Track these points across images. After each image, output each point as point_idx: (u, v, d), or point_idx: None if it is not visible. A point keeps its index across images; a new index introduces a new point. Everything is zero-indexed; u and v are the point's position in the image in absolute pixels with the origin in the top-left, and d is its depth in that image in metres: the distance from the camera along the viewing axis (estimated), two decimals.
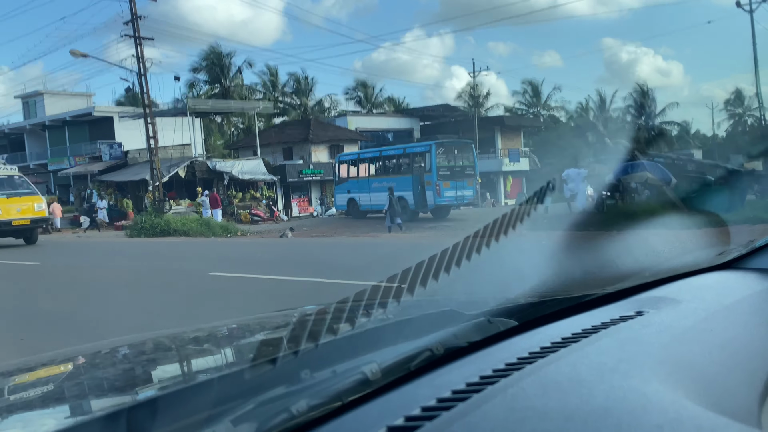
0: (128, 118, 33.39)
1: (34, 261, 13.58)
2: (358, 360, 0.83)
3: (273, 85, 47.88)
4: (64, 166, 39.05)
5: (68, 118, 41.01)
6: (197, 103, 33.30)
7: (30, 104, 46.41)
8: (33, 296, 9.34)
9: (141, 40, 22.44)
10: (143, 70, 22.52)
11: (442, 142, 21.79)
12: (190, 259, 13.55)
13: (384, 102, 52.54)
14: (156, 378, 1.26)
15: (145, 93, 22.88)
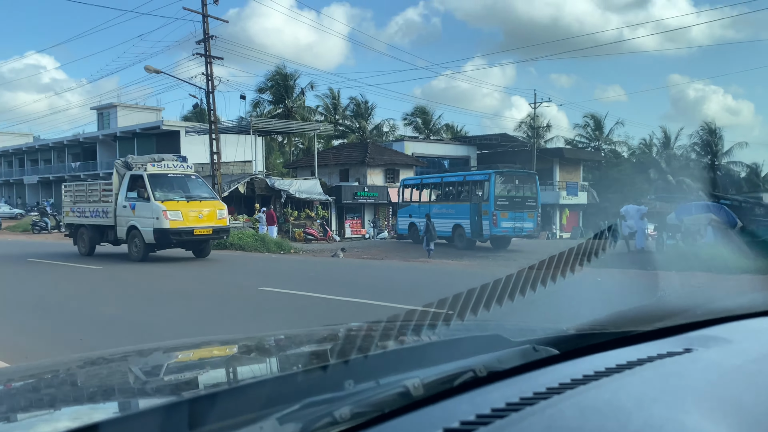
0: (194, 133, 34.64)
1: (96, 265, 14.18)
2: (402, 375, 0.87)
3: (334, 107, 48.84)
4: None
5: (138, 130, 42.93)
6: (260, 122, 34.24)
7: (104, 116, 48.86)
8: (95, 299, 9.75)
9: (211, 59, 23.37)
10: (211, 88, 23.39)
11: (502, 171, 21.26)
12: (244, 273, 13.85)
13: (442, 129, 52.73)
14: (211, 377, 1.35)
15: (212, 110, 23.73)
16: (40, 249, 19.61)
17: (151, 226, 14.07)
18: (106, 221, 15.55)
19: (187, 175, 15.87)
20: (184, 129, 39.25)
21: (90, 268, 13.78)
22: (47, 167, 52.37)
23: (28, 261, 15.34)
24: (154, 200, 14.13)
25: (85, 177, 46.67)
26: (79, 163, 48.86)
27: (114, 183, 15.40)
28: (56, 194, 49.80)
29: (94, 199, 16.15)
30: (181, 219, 14.12)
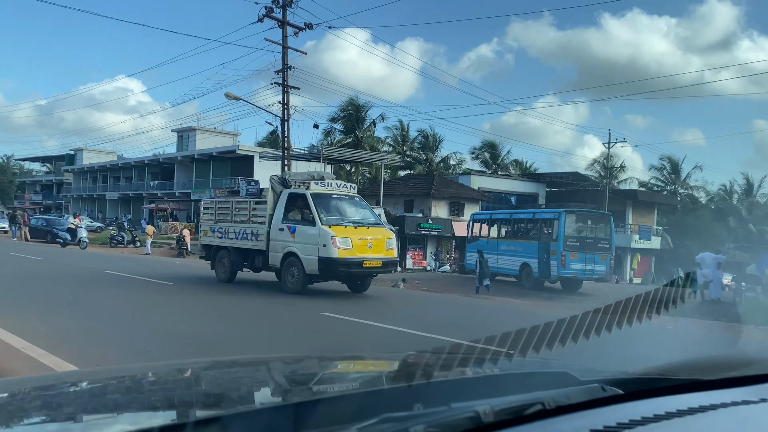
0: (267, 158, 35.77)
1: (167, 281, 14.75)
2: (471, 402, 0.93)
3: (402, 138, 49.39)
4: (205, 197, 42.36)
5: (215, 153, 44.75)
6: (331, 151, 35.05)
7: (184, 138, 51.23)
8: (165, 313, 10.13)
9: (288, 89, 24.21)
10: (287, 116, 24.18)
11: (573, 210, 20.58)
12: (310, 299, 14.06)
13: (510, 164, 52.26)
14: (302, 389, 1.44)
15: (286, 137, 24.48)
16: (118, 263, 20.60)
17: (315, 254, 12.14)
18: (254, 245, 13.71)
19: (350, 196, 13.98)
20: (258, 154, 40.61)
21: (164, 284, 14.34)
22: (128, 184, 55.21)
23: (105, 273, 16.15)
24: (321, 224, 12.19)
25: (161, 196, 48.95)
26: (157, 182, 51.29)
27: (269, 202, 13.53)
28: (134, 210, 52.40)
29: (242, 218, 14.32)
30: (350, 248, 12.16)
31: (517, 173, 49.97)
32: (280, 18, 23.48)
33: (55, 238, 32.35)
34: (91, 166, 60.40)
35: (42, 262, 18.98)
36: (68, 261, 20.15)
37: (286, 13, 23.54)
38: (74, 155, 65.13)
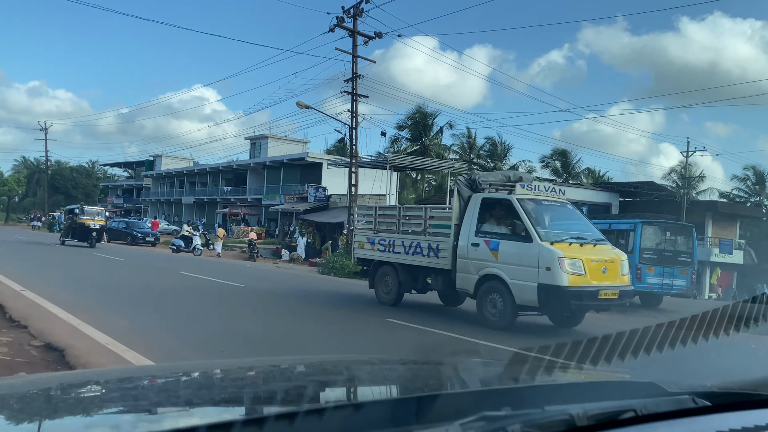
0: (335, 165, 36.35)
1: (239, 283, 15.23)
2: (563, 405, 1.00)
3: (469, 146, 49.05)
4: (275, 202, 43.50)
5: (285, 160, 45.91)
6: (397, 158, 35.23)
7: (256, 145, 52.80)
8: (237, 314, 10.48)
9: (357, 97, 24.56)
10: (355, 124, 24.53)
11: (650, 221, 19.69)
12: (373, 304, 14.17)
13: (581, 173, 50.91)
14: (411, 386, 1.54)
15: (354, 144, 24.83)
16: (192, 265, 21.43)
17: (534, 279, 9.30)
18: (432, 262, 11.27)
19: (561, 203, 11.44)
20: (326, 161, 41.35)
21: (237, 286, 14.81)
22: (203, 189, 57.41)
23: (180, 275, 16.85)
24: (540, 240, 9.37)
25: (234, 201, 50.59)
26: (230, 187, 53.09)
27: (454, 209, 11.08)
28: (209, 214, 54.39)
29: (414, 229, 11.93)
30: (582, 272, 9.23)
31: (589, 182, 48.61)
32: (350, 27, 23.88)
33: (134, 240, 34.02)
34: (169, 171, 63.24)
35: (123, 263, 20.00)
36: (147, 262, 21.15)
37: (356, 23, 23.93)
38: (153, 161, 68.37)
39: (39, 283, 11.85)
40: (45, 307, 9.09)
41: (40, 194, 71.50)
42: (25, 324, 7.59)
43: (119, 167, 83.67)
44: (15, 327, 7.48)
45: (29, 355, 6.15)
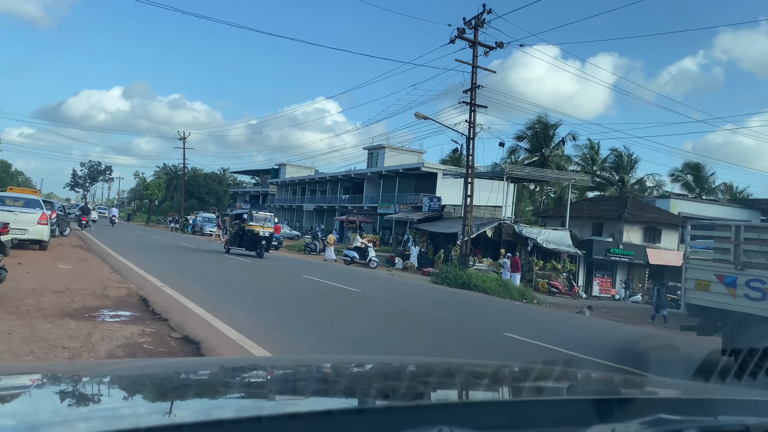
0: (450, 176, 36.29)
1: (357, 288, 15.59)
2: (740, 417, 1.03)
3: (592, 158, 47.03)
4: (390, 211, 44.17)
5: (401, 170, 46.54)
6: (514, 169, 34.52)
7: (373, 155, 53.98)
8: (356, 318, 10.73)
9: (475, 107, 24.41)
10: (472, 135, 24.37)
11: None
12: (486, 316, 13.97)
13: (718, 188, 47.15)
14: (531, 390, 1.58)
15: (471, 155, 24.67)
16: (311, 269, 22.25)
17: None
18: None
19: None
20: (441, 171, 41.40)
21: (350, 290, 15.20)
22: (322, 197, 59.57)
23: (302, 278, 17.54)
24: None
25: (351, 208, 52.00)
26: (348, 195, 54.66)
27: None
28: (327, 221, 56.29)
29: None
30: None
31: (726, 198, 44.90)
32: (471, 39, 23.81)
33: None
34: (292, 179, 66.29)
35: (249, 264, 21.15)
36: (271, 264, 22.23)
37: (477, 34, 23.82)
38: (278, 169, 71.96)
39: (176, 280, 12.82)
40: (182, 303, 9.82)
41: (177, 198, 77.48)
42: (165, 317, 8.25)
43: (247, 174, 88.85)
44: (157, 319, 8.14)
45: (169, 345, 6.67)
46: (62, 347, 5.93)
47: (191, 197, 78.38)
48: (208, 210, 71.18)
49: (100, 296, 9.64)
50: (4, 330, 6.41)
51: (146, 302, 9.45)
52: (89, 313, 8.00)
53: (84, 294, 9.63)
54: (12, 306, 7.85)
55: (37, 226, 16.31)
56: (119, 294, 10.13)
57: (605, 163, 47.45)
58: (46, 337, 6.26)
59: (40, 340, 6.10)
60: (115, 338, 6.62)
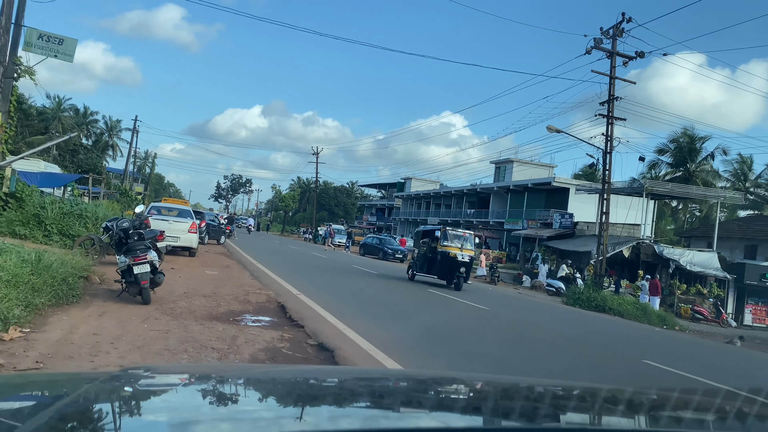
0: (584, 191, 34.82)
1: (485, 306, 15.35)
2: None
3: (743, 174, 42.99)
4: (517, 227, 43.16)
5: (530, 184, 45.35)
6: (655, 185, 32.35)
7: (500, 169, 53.13)
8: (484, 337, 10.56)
9: (613, 120, 23.25)
10: (609, 149, 23.22)
11: None
12: (622, 341, 13.16)
13: None
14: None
15: (607, 170, 23.49)
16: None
17: None
18: None
19: None
20: (574, 187, 39.84)
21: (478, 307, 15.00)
22: (447, 211, 59.53)
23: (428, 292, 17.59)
24: None
25: (477, 223, 51.47)
26: (473, 210, 54.17)
27: None
28: None
29: None
30: None
31: None
32: (609, 49, 22.78)
33: (385, 255, 36.56)
34: (417, 193, 66.98)
35: (374, 276, 21.57)
36: (396, 276, 22.53)
37: (615, 44, 22.75)
38: (404, 183, 73.06)
39: (310, 288, 13.37)
40: (316, 310, 10.21)
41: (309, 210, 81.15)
42: (302, 324, 8.61)
43: (374, 188, 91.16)
44: (294, 326, 8.52)
45: (306, 352, 6.94)
46: (211, 348, 6.37)
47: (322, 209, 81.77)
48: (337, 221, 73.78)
49: (243, 301, 10.29)
50: (162, 329, 7.02)
51: (284, 309, 9.93)
52: (233, 317, 8.55)
53: (229, 299, 10.32)
54: (168, 308, 8.59)
55: (187, 235, 17.77)
56: (259, 300, 10.74)
57: (760, 180, 43.17)
58: (198, 338, 6.77)
59: (192, 341, 6.60)
60: (257, 342, 7.01)
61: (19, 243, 11.08)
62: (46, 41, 14.84)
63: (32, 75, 14.76)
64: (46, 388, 1.62)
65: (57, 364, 5.04)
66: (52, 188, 25.56)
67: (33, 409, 1.31)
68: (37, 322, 6.47)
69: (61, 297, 7.74)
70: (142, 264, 8.45)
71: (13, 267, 7.14)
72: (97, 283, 9.92)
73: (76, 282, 8.58)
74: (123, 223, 9.12)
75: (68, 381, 1.74)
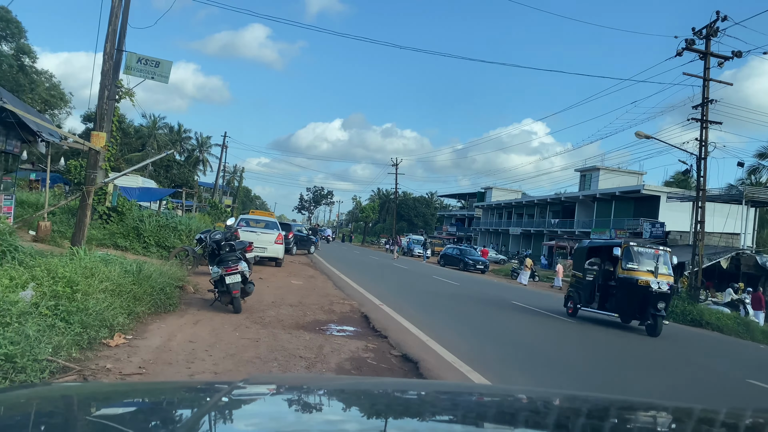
0: (676, 199, 33.13)
1: (570, 319, 14.86)
2: None
3: None
4: (604, 236, 41.55)
5: (617, 193, 43.63)
6: (756, 192, 30.30)
7: (586, 177, 51.47)
8: (566, 349, 10.23)
9: (707, 124, 22.01)
10: (704, 154, 21.98)
11: None
12: (723, 358, 12.37)
13: None
14: None
15: (702, 177, 22.25)
16: (520, 295, 21.77)
17: None
18: None
19: None
20: (665, 194, 38.00)
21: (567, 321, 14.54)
22: (529, 221, 58.25)
23: (511, 303, 17.25)
24: None
25: (561, 233, 50.05)
26: (557, 220, 52.70)
27: None
28: (534, 246, 54.87)
29: None
30: None
31: None
32: (702, 49, 21.62)
33: (466, 266, 36.15)
34: (498, 203, 65.99)
35: (458, 287, 21.39)
36: (479, 289, 22.25)
37: (709, 44, 21.56)
38: (484, 193, 72.21)
39: (391, 299, 13.44)
40: (399, 321, 10.25)
41: (389, 221, 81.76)
42: (385, 334, 8.67)
43: (454, 198, 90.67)
44: (377, 336, 8.59)
45: (390, 362, 6.98)
46: (299, 357, 6.53)
47: (401, 219, 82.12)
48: (416, 232, 73.86)
49: (328, 311, 10.49)
50: (253, 338, 7.27)
51: (367, 319, 10.04)
52: (319, 327, 8.74)
53: (314, 308, 10.56)
54: (257, 316, 8.89)
55: (274, 245, 18.35)
56: (343, 310, 10.91)
57: None
58: (286, 347, 6.96)
59: (281, 349, 6.80)
60: (343, 351, 7.12)
61: (120, 254, 11.82)
62: (144, 64, 15.80)
63: (132, 96, 15.75)
64: (174, 396, 1.69)
65: (158, 370, 5.32)
66: (149, 202, 27.16)
67: (167, 418, 1.40)
68: (139, 330, 6.87)
69: (160, 305, 8.18)
70: (234, 274, 8.81)
71: (117, 277, 7.63)
72: (192, 292, 10.42)
73: (173, 291, 9.05)
74: (216, 235, 9.55)
75: (206, 388, 1.83)
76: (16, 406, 1.42)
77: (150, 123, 61.80)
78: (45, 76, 44.21)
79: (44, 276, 6.55)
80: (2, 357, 4.08)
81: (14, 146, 15.41)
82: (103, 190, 15.70)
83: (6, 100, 11.75)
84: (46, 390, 1.75)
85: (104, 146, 13.94)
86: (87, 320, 5.75)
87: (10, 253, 8.19)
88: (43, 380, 4.30)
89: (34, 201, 17.97)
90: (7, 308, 5.02)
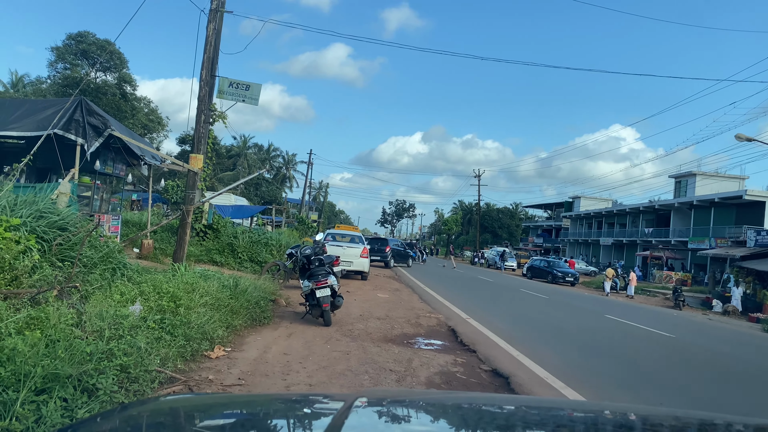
0: None
1: (670, 333, 14.13)
2: None
3: None
4: (703, 246, 39.26)
5: (716, 199, 41.07)
6: None
7: (681, 184, 48.84)
8: (665, 365, 9.72)
9: None
10: None
11: None
12: None
13: None
14: None
15: None
16: (613, 308, 20.93)
17: None
18: None
19: None
20: None
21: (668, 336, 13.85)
22: (621, 230, 55.84)
23: (605, 317, 16.61)
24: None
25: (656, 243, 47.67)
26: (651, 229, 50.23)
27: None
28: (627, 256, 52.55)
29: None
30: None
31: None
32: None
33: (554, 278, 35.11)
34: (587, 212, 63.73)
35: (547, 300, 20.83)
36: (569, 301, 21.57)
37: None
38: (572, 202, 70.03)
39: (478, 312, 13.29)
40: (486, 335, 10.11)
41: (472, 232, 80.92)
42: (473, 349, 8.59)
43: (540, 208, 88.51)
44: (466, 350, 8.52)
45: (480, 377, 6.91)
46: (390, 370, 6.60)
47: (485, 231, 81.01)
48: (501, 244, 72.59)
49: (415, 324, 10.52)
50: (344, 350, 7.41)
51: (454, 333, 9.99)
52: (407, 340, 8.78)
53: (401, 321, 10.62)
54: (347, 329, 9.06)
55: (359, 259, 18.65)
56: (430, 323, 10.91)
57: None
58: (376, 360, 7.05)
59: (371, 362, 6.89)
60: (432, 365, 7.12)
61: (217, 269, 12.40)
62: (236, 88, 16.58)
63: (225, 119, 16.56)
64: (297, 409, 1.77)
65: (256, 381, 5.54)
66: (241, 219, 28.34)
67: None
68: (236, 342, 7.18)
69: (255, 319, 8.51)
70: (324, 288, 9.03)
71: (215, 292, 8.02)
72: (284, 305, 10.77)
73: (267, 305, 9.40)
74: (306, 250, 9.84)
75: (312, 401, 1.91)
76: (131, 418, 1.52)
77: (240, 143, 64.59)
78: (144, 102, 47.26)
79: (150, 291, 6.99)
80: (118, 367, 4.39)
81: (120, 170, 16.55)
82: (200, 209, 16.55)
83: (114, 127, 12.67)
84: (162, 403, 1.83)
85: (201, 167, 14.72)
86: (190, 333, 6.08)
87: (120, 270, 8.79)
88: (153, 390, 4.59)
89: (137, 220, 19.20)
90: (120, 322, 5.39)
